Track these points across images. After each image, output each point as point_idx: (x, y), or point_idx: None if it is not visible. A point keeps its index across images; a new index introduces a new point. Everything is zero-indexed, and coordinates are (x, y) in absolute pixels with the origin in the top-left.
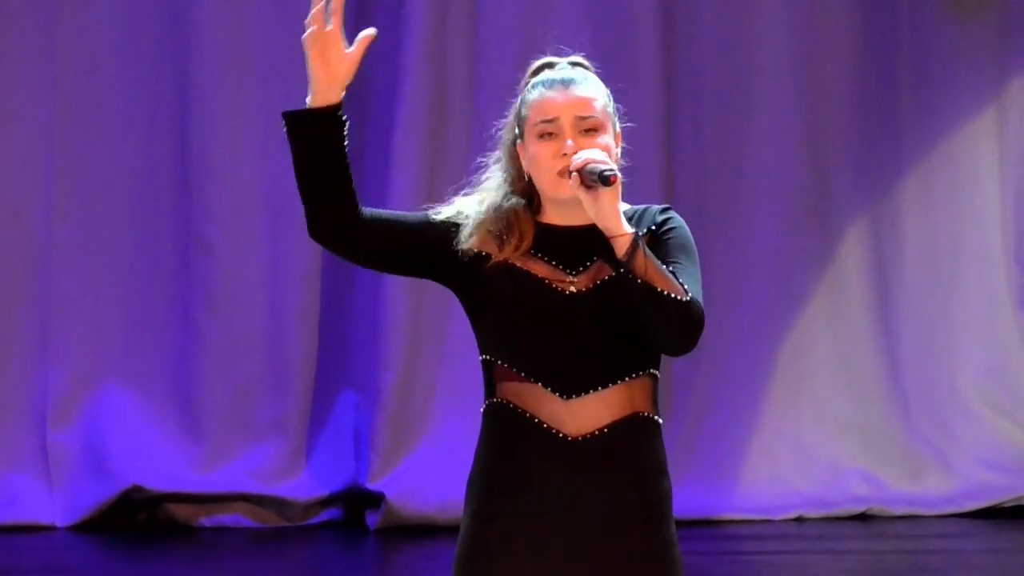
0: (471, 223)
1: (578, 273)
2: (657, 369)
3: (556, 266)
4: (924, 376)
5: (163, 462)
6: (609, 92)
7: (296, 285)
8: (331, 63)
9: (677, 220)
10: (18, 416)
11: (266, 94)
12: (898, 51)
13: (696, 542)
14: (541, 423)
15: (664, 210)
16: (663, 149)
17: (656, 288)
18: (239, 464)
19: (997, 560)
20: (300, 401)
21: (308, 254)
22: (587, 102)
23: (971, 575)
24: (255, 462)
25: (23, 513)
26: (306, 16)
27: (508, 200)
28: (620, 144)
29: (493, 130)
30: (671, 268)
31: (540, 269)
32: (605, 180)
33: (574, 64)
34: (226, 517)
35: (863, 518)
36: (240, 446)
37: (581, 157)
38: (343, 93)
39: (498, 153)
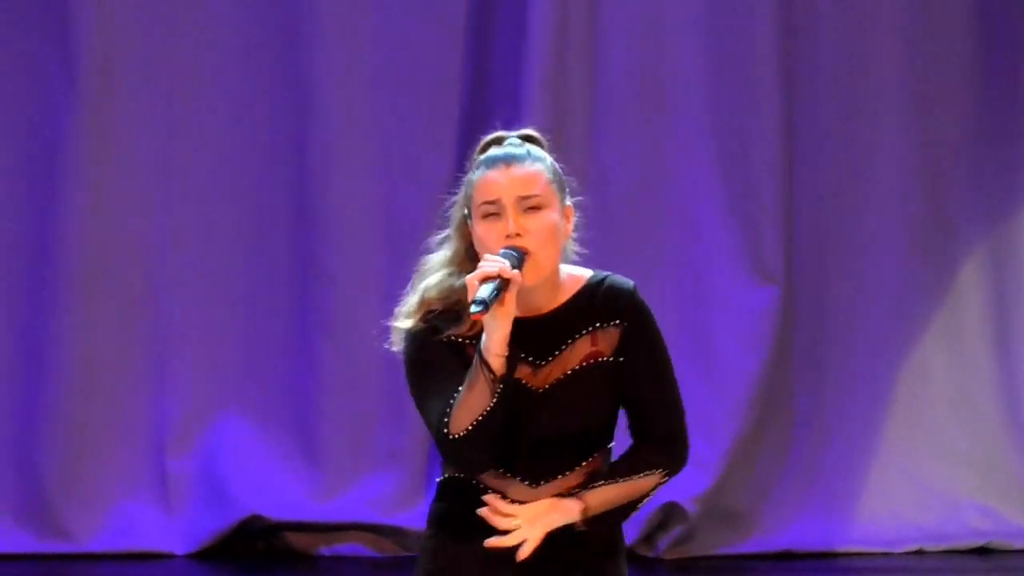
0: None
1: (543, 364)
2: (612, 439)
3: (521, 357)
4: None
5: (281, 491)
6: (556, 166)
7: None
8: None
9: (646, 316)
10: (136, 445)
11: (386, 123)
12: (1018, 76)
13: (817, 574)
14: (505, 498)
15: (629, 294)
16: (784, 181)
17: (634, 504)
18: (358, 493)
19: None
20: (418, 430)
21: None
22: (528, 180)
23: None
24: (374, 491)
25: (142, 541)
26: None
27: (459, 279)
28: (573, 217)
29: (444, 208)
30: (649, 392)
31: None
32: (478, 305)
33: (525, 138)
34: (344, 547)
35: (982, 552)
36: (359, 475)
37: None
38: None
39: (446, 232)
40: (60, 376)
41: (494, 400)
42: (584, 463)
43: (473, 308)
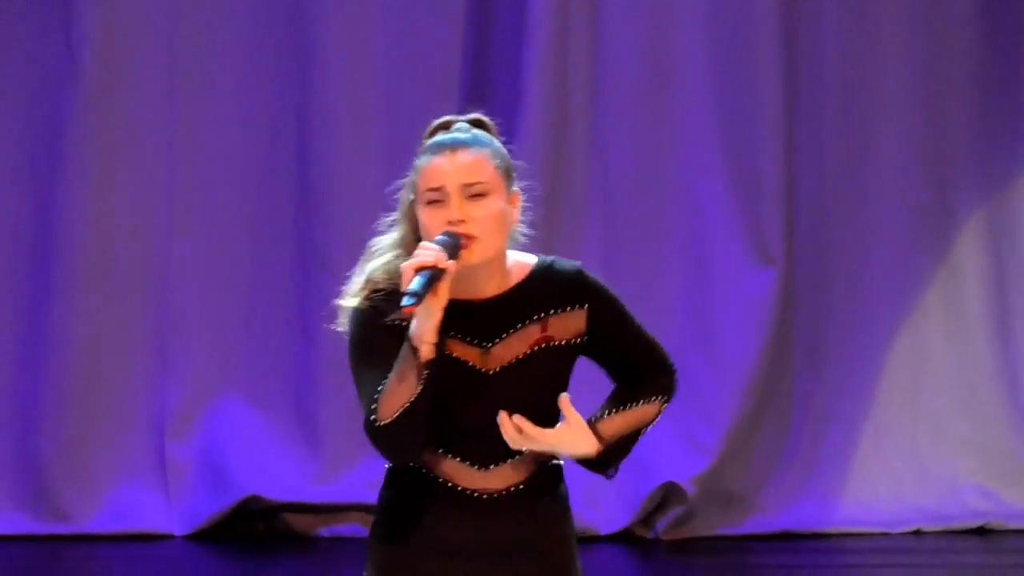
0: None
1: (491, 346)
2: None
3: (467, 340)
4: None
5: (281, 473)
6: (504, 152)
7: None
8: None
9: (603, 291)
10: (137, 428)
11: (387, 111)
12: (1019, 64)
13: (816, 555)
14: (454, 485)
15: (579, 277)
16: (785, 166)
17: (638, 432)
18: (356, 475)
19: None
20: None
21: None
22: (473, 167)
23: None
24: (372, 473)
25: (142, 522)
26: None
27: (404, 261)
28: (519, 204)
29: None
30: (626, 348)
31: (452, 346)
32: (410, 297)
33: (474, 123)
34: (344, 527)
35: (981, 532)
36: (357, 457)
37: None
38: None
39: (395, 215)
40: (61, 360)
41: (419, 388)
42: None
43: (405, 301)
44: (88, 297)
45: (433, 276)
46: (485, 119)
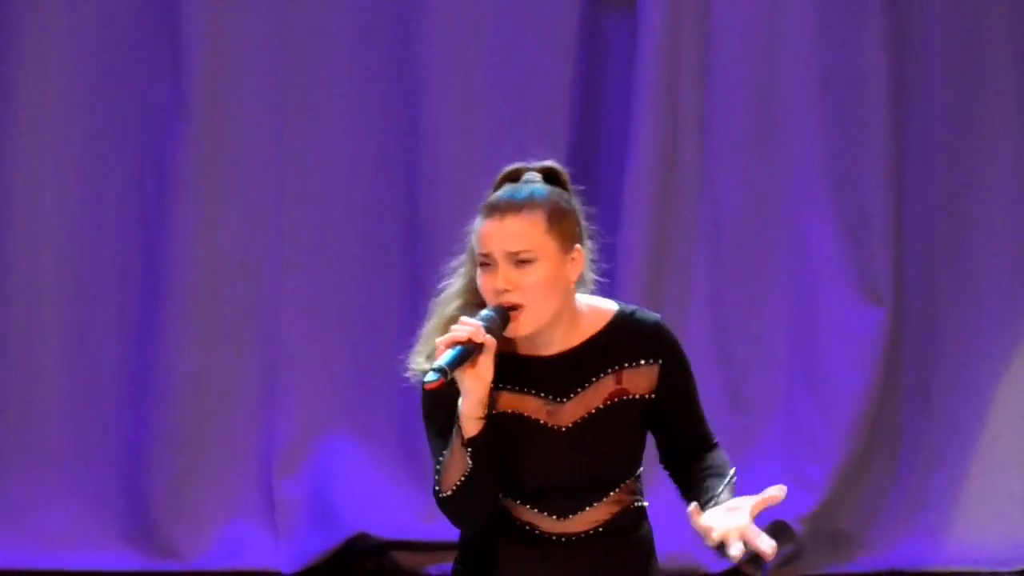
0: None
1: (565, 401)
2: (640, 465)
3: (540, 397)
4: None
5: (389, 510)
6: (564, 208)
7: None
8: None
9: (679, 349)
10: (245, 465)
11: (494, 143)
12: None
13: None
14: (533, 528)
15: (659, 331)
16: (894, 203)
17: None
18: None
19: None
20: None
21: None
22: (520, 235)
23: None
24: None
25: (250, 559)
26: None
27: (473, 312)
28: (583, 260)
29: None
30: (690, 412)
31: (524, 404)
32: (435, 373)
33: (545, 171)
34: (451, 565)
35: None
36: None
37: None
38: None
39: (462, 258)
40: (170, 397)
41: (470, 463)
42: (612, 493)
43: (428, 376)
44: (197, 334)
45: (467, 352)
46: (558, 167)
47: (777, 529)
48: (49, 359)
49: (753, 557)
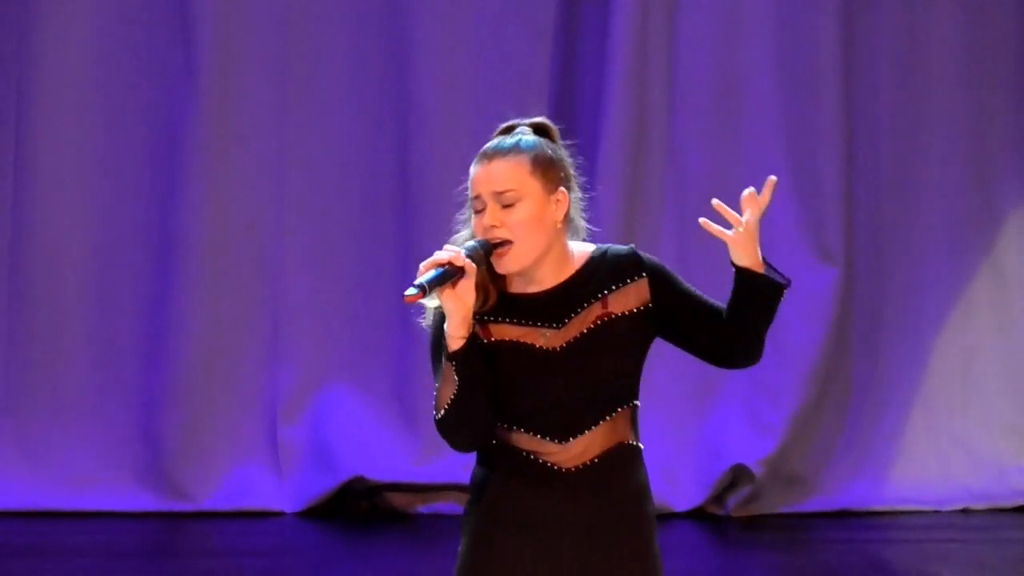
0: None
1: (557, 327)
2: (637, 398)
3: (534, 326)
4: None
5: (383, 454)
6: (550, 155)
7: None
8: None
9: (660, 266)
10: (252, 412)
11: (479, 115)
12: None
13: (870, 531)
14: (536, 457)
15: (633, 255)
16: (845, 171)
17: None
18: (453, 456)
19: None
20: None
21: None
22: (504, 176)
23: None
24: (468, 454)
25: (255, 500)
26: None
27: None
28: (567, 203)
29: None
30: (696, 303)
31: (519, 333)
32: (414, 288)
33: (536, 126)
34: (442, 505)
35: None
36: None
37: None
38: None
39: (467, 210)
40: (181, 350)
41: (456, 380)
42: (609, 417)
43: (408, 291)
44: (206, 291)
45: (447, 273)
46: (546, 123)
47: (738, 472)
48: (71, 317)
49: (716, 497)
